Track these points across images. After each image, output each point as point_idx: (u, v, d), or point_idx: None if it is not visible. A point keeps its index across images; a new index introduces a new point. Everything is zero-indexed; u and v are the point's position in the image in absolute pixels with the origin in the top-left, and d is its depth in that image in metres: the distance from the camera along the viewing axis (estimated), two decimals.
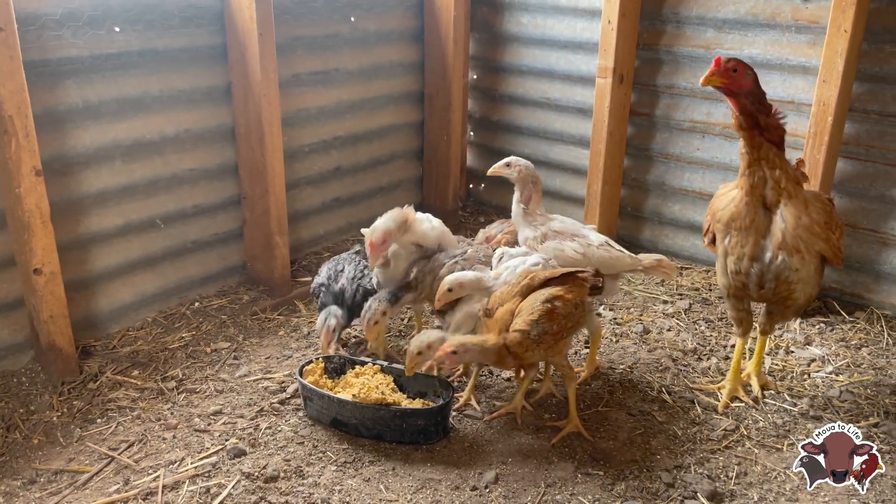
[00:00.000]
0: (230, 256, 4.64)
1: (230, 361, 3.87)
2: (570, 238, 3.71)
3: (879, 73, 4.10)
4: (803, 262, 3.11)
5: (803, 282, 3.19)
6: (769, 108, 3.08)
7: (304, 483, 3.00)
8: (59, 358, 3.59)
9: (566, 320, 3.11)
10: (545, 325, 3.04)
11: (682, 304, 4.47)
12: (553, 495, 2.95)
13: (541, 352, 3.12)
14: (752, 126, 3.05)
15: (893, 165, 4.17)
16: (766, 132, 3.06)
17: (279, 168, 4.33)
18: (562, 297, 3.12)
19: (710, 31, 4.61)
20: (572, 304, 3.14)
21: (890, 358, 3.94)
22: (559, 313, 3.08)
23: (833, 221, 3.19)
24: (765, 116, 3.05)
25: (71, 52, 3.62)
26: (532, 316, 3.04)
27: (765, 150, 3.07)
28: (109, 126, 3.85)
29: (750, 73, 3.03)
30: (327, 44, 4.85)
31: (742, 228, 3.18)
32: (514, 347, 3.07)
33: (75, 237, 3.84)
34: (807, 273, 3.16)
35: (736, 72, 3.00)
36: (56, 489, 2.97)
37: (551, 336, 3.08)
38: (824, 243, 3.13)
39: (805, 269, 3.13)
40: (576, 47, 5.18)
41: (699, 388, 3.65)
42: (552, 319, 3.06)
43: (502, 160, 3.84)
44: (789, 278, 3.14)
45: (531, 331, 3.03)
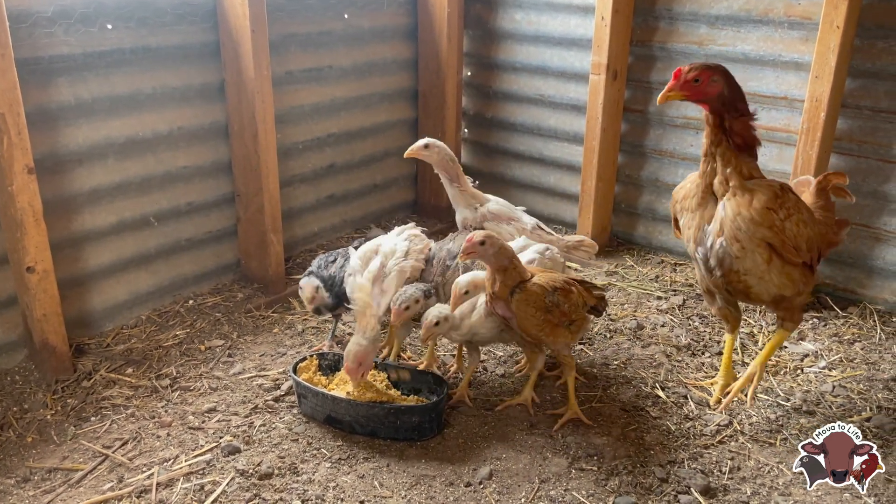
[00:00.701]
0: (224, 254, 4.63)
1: (224, 359, 3.87)
2: (506, 221, 3.89)
3: (871, 68, 4.11)
4: (744, 252, 3.02)
5: (755, 276, 3.10)
6: (739, 111, 2.98)
7: (299, 480, 3.00)
8: (53, 356, 3.58)
9: (571, 312, 3.22)
10: (560, 297, 3.16)
11: (675, 300, 4.48)
12: (547, 491, 2.96)
13: (539, 320, 3.14)
14: (716, 124, 3.00)
15: (886, 161, 4.19)
16: (729, 133, 2.99)
17: (273, 165, 4.32)
18: (579, 288, 3.29)
19: (703, 27, 4.62)
20: (582, 301, 3.28)
21: (883, 353, 3.96)
22: (573, 299, 3.22)
23: (781, 207, 3.01)
24: (731, 118, 2.97)
25: (63, 50, 3.61)
26: (554, 283, 3.18)
27: (722, 148, 3.01)
28: (102, 124, 3.84)
29: (717, 78, 2.93)
30: (321, 41, 4.85)
31: (690, 210, 3.19)
32: (526, 294, 3.11)
33: (68, 235, 3.83)
34: (753, 264, 3.06)
35: (698, 82, 2.92)
36: (50, 487, 2.97)
37: (559, 313, 3.17)
38: (768, 230, 2.98)
39: (749, 259, 3.04)
40: (569, 44, 5.18)
41: (692, 383, 3.66)
42: (566, 298, 3.19)
43: (420, 142, 3.86)
44: (733, 267, 3.09)
45: (548, 295, 3.13)
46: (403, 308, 3.36)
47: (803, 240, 3.08)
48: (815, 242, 3.19)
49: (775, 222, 2.99)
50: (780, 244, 3.03)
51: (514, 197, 5.83)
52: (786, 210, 3.02)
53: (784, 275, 3.11)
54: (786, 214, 3.02)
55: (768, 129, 4.52)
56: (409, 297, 3.37)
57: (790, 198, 3.07)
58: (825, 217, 3.38)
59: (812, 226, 3.16)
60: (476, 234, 3.05)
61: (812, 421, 3.39)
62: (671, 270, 4.92)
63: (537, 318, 3.15)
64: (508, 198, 5.82)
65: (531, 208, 5.74)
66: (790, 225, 3.03)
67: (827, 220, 3.38)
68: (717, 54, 4.58)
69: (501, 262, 3.09)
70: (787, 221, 3.02)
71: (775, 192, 3.02)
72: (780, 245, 3.03)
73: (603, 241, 5.28)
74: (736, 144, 3.00)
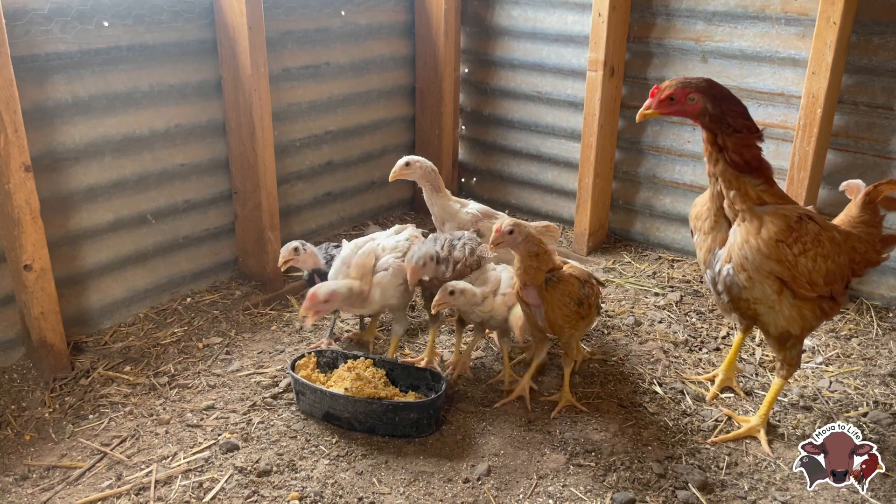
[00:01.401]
0: (222, 252, 4.63)
1: (222, 356, 3.87)
2: (493, 217, 4.02)
3: (868, 64, 4.11)
4: (752, 282, 2.86)
5: (765, 305, 2.93)
6: (734, 127, 2.79)
7: (297, 477, 3.00)
8: (51, 354, 3.58)
9: (590, 309, 3.31)
10: (589, 290, 3.25)
11: (673, 297, 4.49)
12: (545, 486, 2.97)
13: (570, 311, 3.18)
14: (709, 140, 2.84)
15: (882, 157, 4.19)
16: (725, 151, 2.81)
17: (270, 163, 4.32)
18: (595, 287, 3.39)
19: (699, 23, 4.62)
20: (598, 300, 3.41)
21: (879, 348, 3.97)
22: (594, 292, 3.35)
23: (796, 241, 2.80)
24: (725, 135, 2.79)
25: (59, 48, 3.60)
26: (583, 277, 3.26)
27: (720, 167, 2.84)
28: (99, 121, 3.83)
29: (695, 96, 2.76)
30: (318, 38, 4.84)
31: (703, 231, 3.08)
32: (556, 282, 3.13)
33: (65, 233, 3.83)
34: (762, 294, 2.89)
35: (674, 100, 2.77)
36: (48, 485, 2.97)
37: (587, 306, 3.25)
38: (777, 264, 2.80)
39: (758, 290, 2.88)
40: (566, 40, 5.18)
41: (691, 378, 3.67)
42: (592, 292, 3.29)
43: (400, 161, 3.88)
44: (741, 295, 2.94)
45: (581, 287, 3.20)
46: (421, 265, 3.33)
47: (821, 275, 2.86)
48: (841, 273, 2.96)
49: (787, 257, 2.79)
50: (791, 279, 2.84)
51: (511, 193, 5.86)
52: (801, 245, 2.80)
53: (795, 308, 2.93)
54: (801, 249, 2.79)
55: (765, 125, 4.50)
56: (424, 254, 3.35)
57: (808, 230, 2.83)
58: (867, 233, 3.09)
59: (837, 257, 2.91)
60: (504, 223, 3.03)
61: (809, 416, 3.40)
62: (668, 267, 4.93)
63: (569, 308, 3.17)
64: (506, 194, 5.87)
65: (528, 205, 5.77)
66: (805, 261, 2.81)
67: (869, 236, 3.09)
68: (713, 50, 4.59)
69: (531, 249, 3.07)
70: (803, 257, 2.80)
71: (790, 223, 2.79)
72: (791, 280, 2.84)
73: (600, 238, 5.29)
74: (734, 164, 2.81)
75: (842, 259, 2.94)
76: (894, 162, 4.16)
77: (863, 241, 3.07)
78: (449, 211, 3.97)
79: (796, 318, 2.96)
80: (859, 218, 3.13)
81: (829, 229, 2.95)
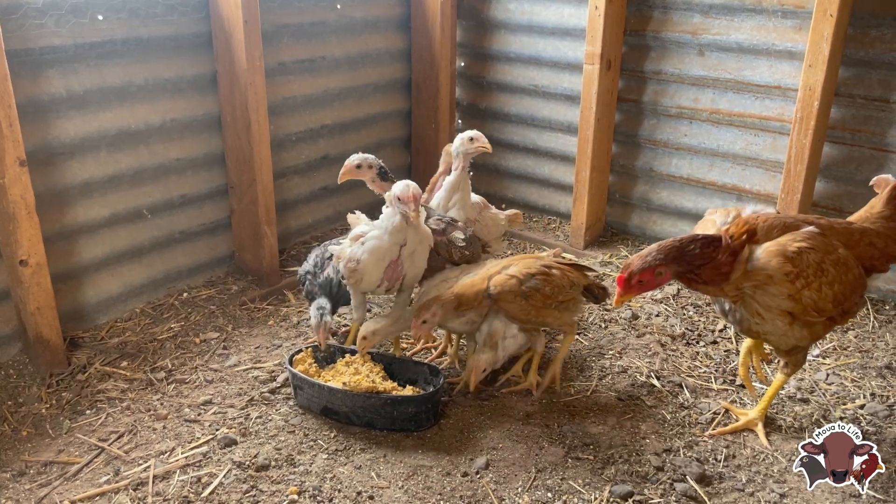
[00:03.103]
0: (218, 246, 4.62)
1: (219, 351, 3.86)
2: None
3: (865, 57, 4.11)
4: (764, 321, 2.90)
5: (776, 335, 2.96)
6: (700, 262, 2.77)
7: (296, 471, 3.00)
8: (47, 350, 3.57)
9: (557, 291, 3.28)
10: (539, 282, 3.21)
11: (670, 290, 4.49)
12: (543, 480, 2.97)
13: (523, 307, 3.22)
14: (687, 283, 2.87)
15: (879, 150, 4.20)
16: (704, 283, 2.82)
17: (266, 157, 4.30)
18: (562, 268, 3.33)
19: (696, 16, 4.61)
20: (568, 281, 3.33)
21: (876, 341, 3.98)
22: (554, 281, 3.26)
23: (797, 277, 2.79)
24: (695, 274, 2.80)
25: (54, 41, 3.58)
26: (529, 270, 3.23)
27: (710, 291, 2.87)
28: (94, 116, 3.82)
29: (662, 270, 2.76)
30: (313, 31, 4.82)
31: None
32: (500, 288, 3.18)
33: (61, 228, 3.81)
34: (773, 328, 2.92)
35: (643, 283, 2.78)
36: (46, 481, 2.96)
37: (541, 297, 3.23)
38: (786, 301, 2.82)
39: (770, 325, 2.91)
40: (563, 34, 5.17)
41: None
42: (547, 282, 3.24)
43: (350, 162, 3.72)
44: (752, 328, 2.97)
45: (525, 281, 3.18)
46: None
47: (828, 301, 2.85)
48: (854, 287, 2.93)
49: (793, 294, 2.81)
50: (800, 312, 2.86)
51: (508, 187, 5.86)
52: (803, 279, 2.79)
53: (805, 329, 2.94)
54: (803, 283, 2.80)
55: (762, 119, 4.54)
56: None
57: (808, 261, 2.80)
58: (888, 228, 3.05)
59: (844, 276, 2.87)
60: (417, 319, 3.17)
61: (806, 409, 3.41)
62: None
63: (519, 305, 3.23)
64: (503, 188, 5.87)
65: (525, 199, 5.77)
66: (809, 293, 2.81)
67: (891, 231, 3.05)
68: (710, 43, 4.58)
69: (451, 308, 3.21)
70: (806, 290, 2.81)
71: (787, 257, 2.78)
72: (799, 313, 2.87)
73: (597, 232, 5.29)
74: (717, 282, 2.82)
75: (850, 276, 2.90)
76: (891, 155, 4.17)
77: (882, 236, 3.03)
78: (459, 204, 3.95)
79: (806, 336, 2.97)
80: (881, 213, 3.09)
81: (832, 250, 2.87)
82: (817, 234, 2.87)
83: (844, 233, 2.99)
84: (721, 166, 4.80)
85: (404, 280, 3.40)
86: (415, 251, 3.35)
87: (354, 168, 3.71)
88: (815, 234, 2.87)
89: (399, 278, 3.37)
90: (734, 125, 4.66)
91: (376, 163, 3.72)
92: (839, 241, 2.93)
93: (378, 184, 3.75)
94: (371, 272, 3.33)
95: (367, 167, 3.71)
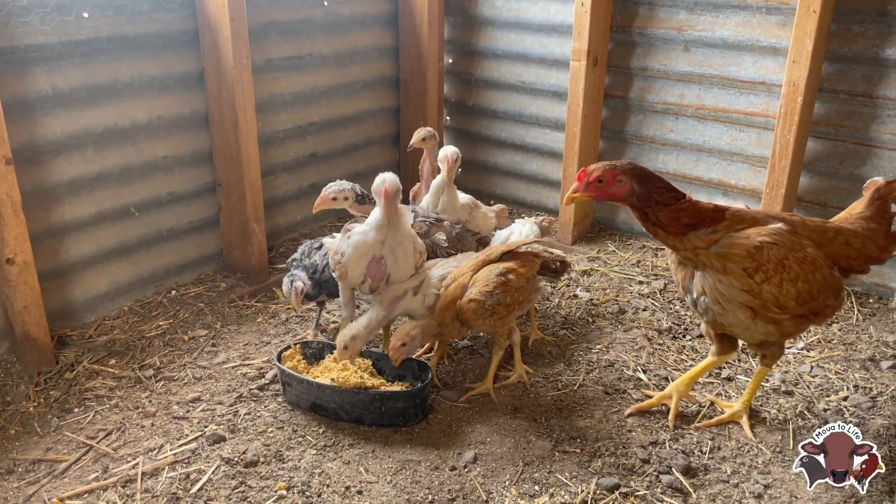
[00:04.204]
0: (206, 244, 4.62)
1: (208, 349, 3.87)
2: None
3: (848, 53, 4.15)
4: (725, 311, 2.91)
5: (740, 328, 2.98)
6: (663, 202, 2.80)
7: (284, 467, 3.01)
8: (35, 348, 3.56)
9: (518, 293, 3.33)
10: (500, 296, 3.24)
11: (657, 285, 4.53)
12: (531, 473, 2.99)
13: (493, 322, 3.29)
14: (642, 220, 2.86)
15: (862, 144, 4.24)
16: (660, 226, 2.83)
17: (254, 154, 4.31)
18: (515, 270, 3.34)
19: (682, 12, 4.64)
20: (524, 278, 3.36)
21: (860, 333, 4.02)
22: (513, 286, 3.30)
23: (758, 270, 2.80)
24: (655, 212, 2.81)
25: (39, 39, 3.57)
26: (487, 287, 3.24)
27: (661, 236, 2.86)
28: (80, 113, 3.81)
29: (623, 178, 2.77)
30: (301, 28, 4.82)
31: (673, 261, 3.11)
32: (467, 314, 3.24)
33: (48, 226, 3.80)
34: (736, 320, 2.94)
35: (602, 182, 2.77)
36: (34, 479, 2.96)
37: (505, 307, 3.28)
38: (746, 294, 2.84)
39: (732, 316, 2.93)
40: (550, 30, 5.19)
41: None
42: (506, 291, 3.27)
43: (325, 195, 3.79)
44: (717, 319, 2.99)
45: (486, 301, 3.22)
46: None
47: (790, 298, 2.85)
48: (821, 288, 2.91)
49: (752, 287, 2.82)
50: (760, 306, 2.87)
51: (496, 184, 5.88)
52: (763, 273, 2.80)
53: (771, 325, 2.95)
54: (763, 278, 2.81)
55: (747, 114, 4.57)
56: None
57: (769, 257, 2.80)
58: (867, 229, 3.05)
59: (809, 275, 2.86)
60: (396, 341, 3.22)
61: (791, 401, 3.45)
62: (652, 255, 4.96)
63: (488, 323, 3.30)
64: (491, 185, 5.89)
65: (513, 195, 5.80)
66: (769, 288, 2.82)
67: (870, 231, 3.05)
68: (695, 40, 4.61)
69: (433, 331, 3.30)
70: (766, 284, 2.81)
71: (749, 251, 2.80)
72: (759, 307, 2.87)
73: (585, 227, 5.31)
74: (673, 232, 2.83)
75: (818, 276, 2.89)
76: (874, 149, 4.21)
77: (860, 236, 3.03)
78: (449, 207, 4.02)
79: (773, 332, 2.98)
80: (861, 214, 3.11)
81: (798, 248, 2.87)
82: (784, 232, 2.88)
83: (817, 230, 2.99)
84: (707, 162, 4.83)
85: (389, 280, 3.41)
86: (396, 250, 3.34)
87: (330, 201, 3.80)
88: (781, 230, 2.87)
89: (383, 277, 3.38)
90: (719, 121, 4.69)
91: (351, 191, 3.79)
92: (810, 239, 2.93)
93: (357, 208, 3.82)
94: (354, 266, 3.35)
95: (343, 199, 3.79)
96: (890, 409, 3.38)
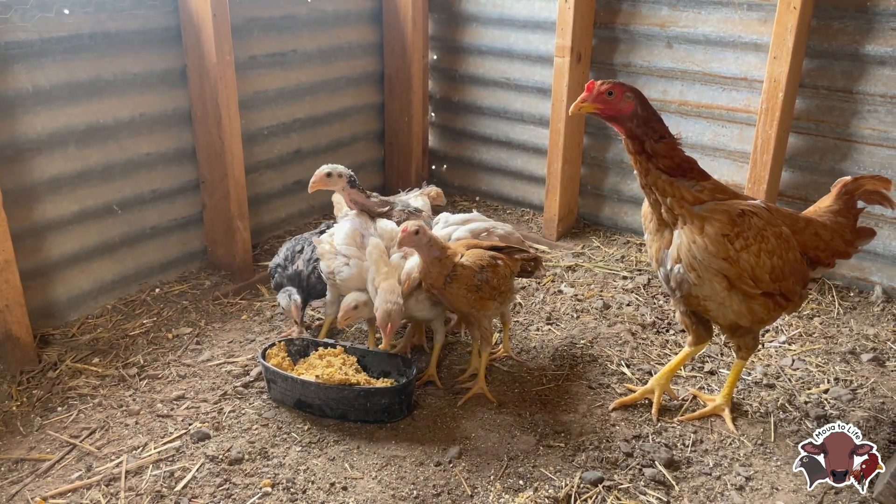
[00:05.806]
0: (190, 242, 4.60)
1: (192, 347, 3.86)
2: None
3: (828, 48, 4.19)
4: (701, 280, 2.90)
5: (714, 301, 2.97)
6: (660, 133, 2.85)
7: (269, 464, 3.01)
8: (17, 347, 3.54)
9: (502, 282, 3.34)
10: (489, 274, 3.27)
11: (641, 280, 4.55)
12: (515, 468, 3.01)
13: (470, 300, 3.27)
14: (638, 151, 2.86)
15: (842, 140, 4.28)
16: (653, 158, 2.85)
17: (238, 151, 4.29)
18: (504, 260, 3.38)
19: (664, 9, 4.66)
20: (509, 272, 3.40)
21: (840, 327, 4.07)
22: (500, 272, 3.32)
23: (738, 236, 2.83)
24: (653, 142, 2.83)
25: (19, 36, 3.54)
26: (481, 262, 3.27)
27: (652, 176, 2.86)
28: (61, 111, 3.78)
29: (630, 95, 2.82)
30: (284, 25, 4.81)
31: (651, 231, 3.11)
32: (452, 279, 3.23)
33: (30, 224, 3.78)
34: (711, 291, 2.93)
35: (612, 94, 2.80)
36: (17, 478, 2.95)
37: (489, 288, 3.28)
38: (723, 261, 2.84)
39: (707, 287, 2.92)
40: (534, 27, 5.20)
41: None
42: (495, 274, 3.30)
43: (320, 171, 3.68)
44: (692, 291, 2.97)
45: (477, 273, 3.24)
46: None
47: (765, 271, 2.88)
48: (792, 269, 2.96)
49: (729, 253, 2.83)
50: (736, 276, 2.87)
51: (481, 180, 5.88)
52: (743, 240, 2.83)
53: (744, 304, 2.97)
54: (742, 245, 2.83)
55: (729, 110, 4.60)
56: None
57: (751, 224, 2.86)
58: (835, 223, 3.12)
59: (784, 253, 2.92)
60: (410, 225, 3.16)
61: (772, 394, 3.48)
62: (636, 251, 4.99)
63: (468, 297, 3.27)
64: (476, 181, 5.90)
65: (498, 191, 5.81)
66: (747, 256, 2.84)
67: (837, 225, 3.12)
68: (678, 36, 4.64)
69: (434, 254, 3.22)
70: (745, 252, 2.84)
71: (731, 217, 2.83)
72: (735, 277, 2.88)
73: (570, 223, 5.33)
74: (666, 169, 2.86)
75: (791, 255, 2.94)
76: (854, 144, 4.25)
77: (828, 229, 3.09)
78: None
79: (745, 312, 3.00)
80: (829, 207, 3.16)
81: (776, 224, 2.94)
82: (763, 208, 2.95)
83: (790, 217, 3.06)
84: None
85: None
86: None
87: (325, 177, 3.70)
88: (762, 206, 2.96)
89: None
90: (702, 116, 4.72)
91: (346, 172, 3.74)
92: (785, 225, 3.00)
93: (348, 192, 3.75)
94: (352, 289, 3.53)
95: (338, 176, 3.71)
96: (870, 402, 3.43)
